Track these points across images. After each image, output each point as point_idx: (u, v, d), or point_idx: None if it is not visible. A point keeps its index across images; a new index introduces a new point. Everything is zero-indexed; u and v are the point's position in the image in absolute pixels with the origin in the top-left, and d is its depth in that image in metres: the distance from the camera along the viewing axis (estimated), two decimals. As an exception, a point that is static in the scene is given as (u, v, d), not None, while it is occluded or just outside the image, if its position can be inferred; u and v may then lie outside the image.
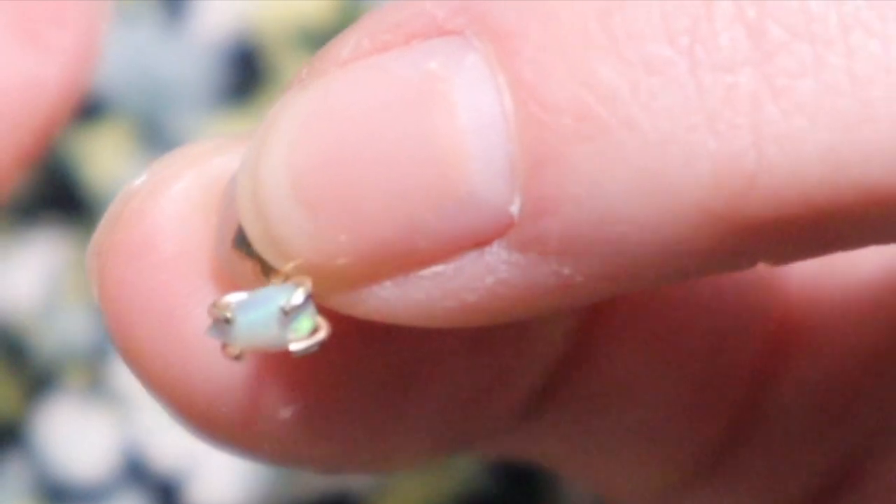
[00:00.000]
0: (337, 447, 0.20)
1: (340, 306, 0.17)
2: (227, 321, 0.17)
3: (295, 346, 0.17)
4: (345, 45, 0.17)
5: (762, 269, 0.22)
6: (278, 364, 0.18)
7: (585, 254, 0.16)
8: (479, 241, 0.17)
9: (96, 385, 0.31)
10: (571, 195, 0.16)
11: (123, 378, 0.31)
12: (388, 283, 0.17)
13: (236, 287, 0.18)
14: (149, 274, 0.18)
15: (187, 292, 0.18)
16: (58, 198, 0.32)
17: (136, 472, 0.31)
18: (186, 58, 0.32)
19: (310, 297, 0.17)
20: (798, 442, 0.23)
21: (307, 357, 0.18)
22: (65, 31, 0.24)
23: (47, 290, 0.31)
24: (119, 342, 0.18)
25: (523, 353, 0.21)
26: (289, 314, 0.17)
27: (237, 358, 0.17)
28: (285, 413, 0.19)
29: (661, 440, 0.23)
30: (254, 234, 0.17)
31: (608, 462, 0.24)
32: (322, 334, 0.17)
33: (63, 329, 0.31)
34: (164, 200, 0.18)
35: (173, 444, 0.31)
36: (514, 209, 0.16)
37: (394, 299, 0.17)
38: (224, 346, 0.17)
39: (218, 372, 0.18)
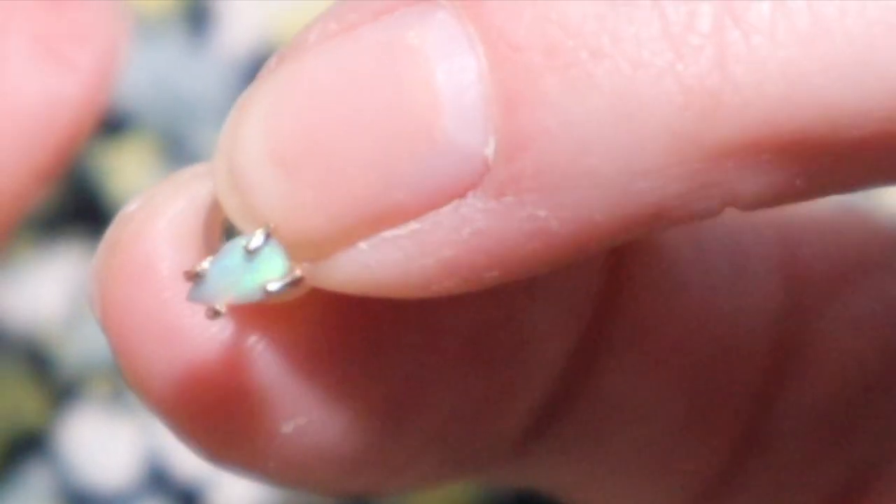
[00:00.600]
0: (339, 465, 0.20)
1: (318, 278, 0.17)
2: (200, 275, 0.17)
3: (271, 286, 0.17)
4: (312, 31, 0.17)
5: (755, 273, 0.22)
6: (280, 378, 0.18)
7: (560, 191, 0.16)
8: (455, 193, 0.16)
9: (119, 394, 0.31)
10: (545, 128, 0.16)
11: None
12: (363, 246, 0.17)
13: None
14: (148, 295, 0.18)
15: (186, 311, 0.18)
16: (82, 211, 0.32)
17: (159, 479, 0.31)
18: (209, 74, 0.32)
19: (271, 237, 0.17)
20: (804, 458, 0.23)
21: (305, 367, 0.18)
22: (85, 49, 0.24)
23: (71, 301, 0.31)
24: (122, 363, 0.19)
25: (524, 370, 0.21)
26: (253, 253, 0.17)
27: (216, 314, 0.17)
28: (287, 428, 0.19)
29: (666, 460, 0.23)
30: (231, 208, 0.17)
31: (613, 485, 0.24)
32: (298, 273, 0.17)
33: (87, 340, 0.31)
34: (160, 223, 0.18)
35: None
36: (489, 151, 0.16)
37: (372, 262, 0.17)
38: (206, 311, 0.17)
39: (219, 388, 0.18)
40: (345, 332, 0.19)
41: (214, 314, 0.17)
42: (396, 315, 0.19)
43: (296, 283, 0.17)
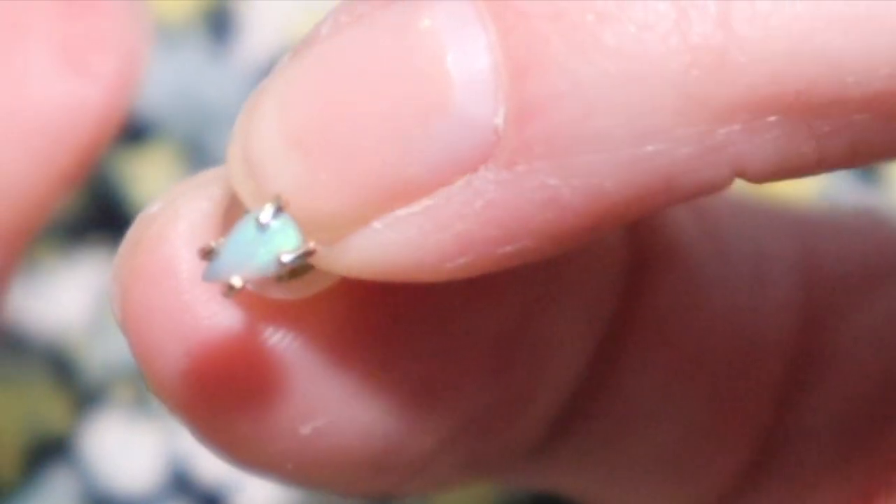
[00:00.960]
0: (357, 467, 0.20)
1: (334, 260, 0.17)
2: (215, 252, 0.17)
3: (285, 257, 0.16)
4: (324, 25, 0.17)
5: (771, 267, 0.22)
6: (299, 381, 0.18)
7: (570, 156, 0.16)
8: (468, 166, 0.16)
9: (142, 400, 0.31)
10: (554, 93, 0.16)
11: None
12: (378, 225, 0.17)
13: (251, 302, 0.18)
14: (169, 297, 0.18)
15: (207, 313, 0.18)
16: (105, 218, 0.32)
17: (182, 484, 0.31)
18: (231, 81, 0.32)
19: (282, 210, 0.17)
20: (824, 462, 0.23)
21: (324, 369, 0.18)
22: (107, 56, 0.24)
23: (95, 308, 0.31)
24: (141, 364, 0.18)
25: (545, 373, 0.21)
26: (265, 226, 0.16)
27: (230, 290, 0.17)
28: (305, 430, 0.19)
29: (684, 466, 0.23)
30: (247, 194, 0.17)
31: (633, 487, 0.24)
32: (311, 245, 0.17)
33: (110, 346, 0.31)
34: (181, 226, 0.18)
35: (216, 459, 0.30)
36: (499, 121, 0.16)
37: (387, 241, 0.17)
38: (222, 289, 0.17)
39: (238, 390, 0.18)
40: (365, 335, 0.19)
41: (230, 290, 0.17)
42: (418, 317, 0.19)
43: (309, 254, 0.16)
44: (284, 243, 0.17)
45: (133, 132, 0.31)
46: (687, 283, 0.22)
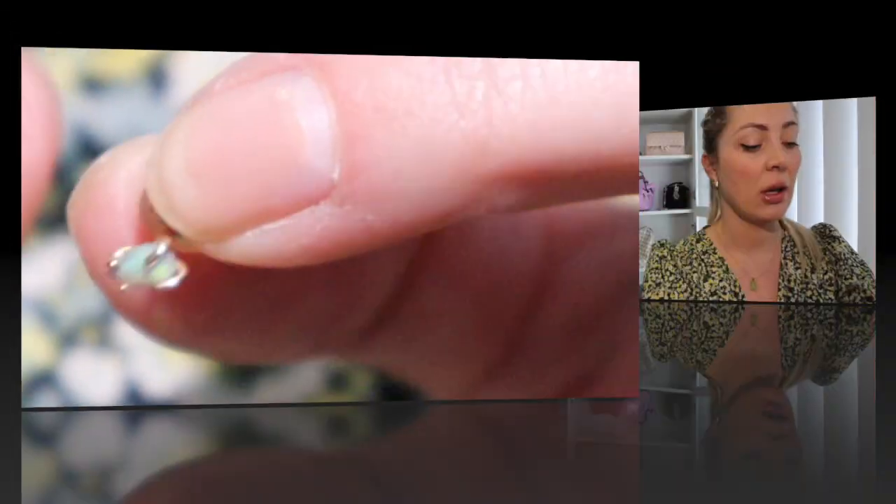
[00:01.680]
0: (235, 341, 0.24)
1: (221, 254, 0.20)
2: (114, 267, 0.21)
3: (161, 284, 0.20)
4: (216, 83, 0.21)
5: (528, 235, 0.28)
6: (199, 289, 0.23)
7: (381, 203, 0.19)
8: (312, 201, 0.19)
9: (105, 340, 0.36)
10: (373, 161, 0.19)
11: (125, 335, 0.35)
12: (250, 235, 0.20)
13: (156, 228, 0.21)
14: (108, 221, 0.22)
15: (133, 233, 0.22)
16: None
17: (134, 398, 0.36)
18: (167, 119, 0.36)
19: (169, 250, 0.20)
20: (554, 355, 0.28)
21: (215, 286, 0.22)
22: None
23: (68, 275, 0.36)
24: (87, 261, 0.22)
25: (365, 291, 0.25)
26: (152, 262, 0.20)
27: (123, 290, 0.20)
28: (200, 317, 0.23)
29: (462, 350, 0.27)
30: (160, 206, 0.20)
31: (429, 367, 0.28)
32: (182, 273, 0.20)
33: (79, 303, 0.36)
34: (121, 173, 0.22)
35: (160, 381, 0.35)
36: (335, 175, 0.19)
37: (255, 246, 0.20)
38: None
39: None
40: (242, 271, 0.23)
41: (122, 290, 0.21)
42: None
43: (179, 281, 0.21)
44: (161, 271, 0.21)
45: (93, 153, 0.36)
46: (466, 233, 0.27)
